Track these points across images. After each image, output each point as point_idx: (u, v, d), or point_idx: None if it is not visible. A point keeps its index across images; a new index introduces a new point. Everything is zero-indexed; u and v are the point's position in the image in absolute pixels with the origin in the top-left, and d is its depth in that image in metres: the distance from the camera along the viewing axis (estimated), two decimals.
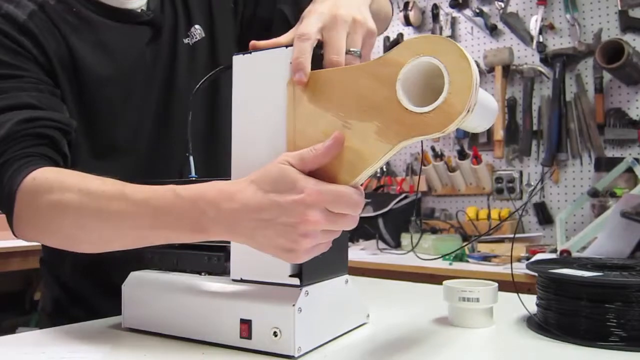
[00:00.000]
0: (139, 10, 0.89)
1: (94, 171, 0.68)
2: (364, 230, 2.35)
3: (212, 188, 0.59)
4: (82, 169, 0.70)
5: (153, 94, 0.89)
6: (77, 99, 0.83)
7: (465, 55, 0.52)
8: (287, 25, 0.94)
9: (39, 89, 0.77)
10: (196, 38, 0.93)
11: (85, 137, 0.84)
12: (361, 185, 0.60)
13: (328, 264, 0.68)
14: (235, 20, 0.98)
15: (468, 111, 0.51)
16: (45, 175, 0.69)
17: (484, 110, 0.62)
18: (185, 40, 0.92)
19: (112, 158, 0.86)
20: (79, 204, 0.65)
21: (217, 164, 0.90)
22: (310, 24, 0.62)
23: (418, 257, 0.70)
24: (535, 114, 2.39)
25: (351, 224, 0.58)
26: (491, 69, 2.47)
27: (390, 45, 2.82)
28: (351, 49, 0.62)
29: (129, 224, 0.63)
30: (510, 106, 2.44)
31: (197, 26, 0.93)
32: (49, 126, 0.74)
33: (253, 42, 0.66)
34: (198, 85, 0.80)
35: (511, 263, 1.00)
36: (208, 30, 0.94)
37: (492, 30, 2.51)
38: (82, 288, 0.91)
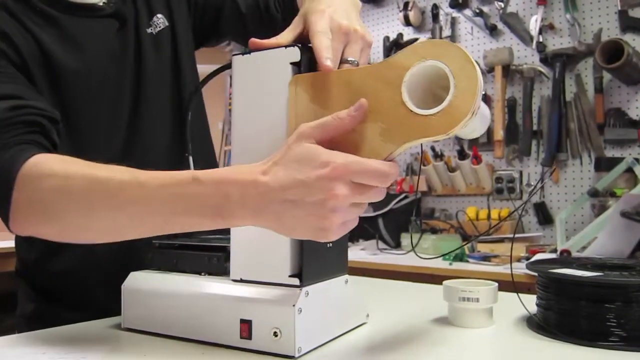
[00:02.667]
0: (101, 4, 0.88)
1: None
2: (364, 230, 2.35)
3: (234, 171, 0.57)
4: None
5: (126, 86, 0.89)
6: (53, 96, 0.82)
7: (470, 60, 0.53)
8: (238, 13, 0.96)
9: (16, 82, 0.76)
10: (159, 27, 0.93)
11: (65, 136, 0.82)
12: None
13: (328, 264, 0.68)
14: (189, 9, 0.98)
15: (472, 114, 0.52)
16: (48, 160, 0.66)
17: (481, 115, 0.62)
18: (149, 30, 0.92)
19: (92, 154, 0.85)
20: (87, 189, 0.62)
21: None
22: (325, 24, 0.62)
23: (419, 256, 0.70)
24: (535, 114, 2.39)
25: (379, 196, 0.56)
26: (491, 69, 2.47)
27: (390, 45, 2.82)
28: (349, 59, 0.62)
29: (145, 211, 0.60)
30: (510, 106, 2.44)
31: (159, 15, 0.93)
32: (38, 114, 0.73)
33: (252, 40, 0.65)
34: (198, 85, 0.81)
35: (510, 263, 0.99)
36: (169, 19, 0.95)
37: (492, 30, 2.51)
38: (60, 298, 0.90)
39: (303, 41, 0.64)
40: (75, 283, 0.88)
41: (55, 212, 0.64)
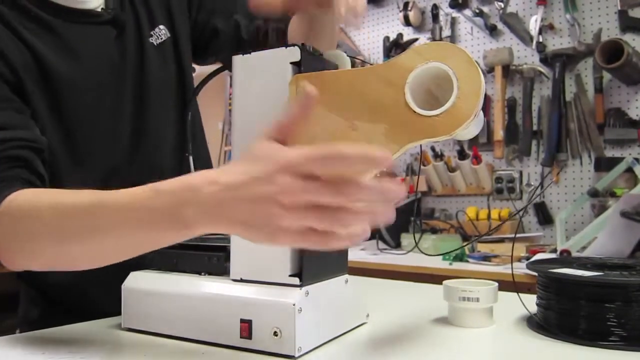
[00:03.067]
0: (99, 10, 0.87)
1: (76, 179, 0.66)
2: None
3: (197, 174, 0.56)
4: (64, 178, 0.69)
5: (126, 94, 0.88)
6: (50, 108, 0.81)
7: (473, 62, 0.53)
8: (238, 39, 0.95)
9: (5, 108, 0.74)
10: (162, 38, 0.92)
11: (64, 145, 0.82)
12: None
13: (328, 264, 0.68)
14: (189, 23, 0.98)
15: (475, 116, 0.53)
16: (19, 199, 0.66)
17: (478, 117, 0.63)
18: (151, 40, 0.91)
19: (92, 165, 0.84)
20: (57, 221, 0.62)
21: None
22: None
23: (423, 252, 0.70)
24: (535, 114, 2.39)
25: (356, 193, 0.49)
26: (491, 69, 2.47)
27: (390, 45, 2.82)
28: None
29: (113, 232, 0.59)
30: (510, 106, 2.44)
31: (161, 26, 0.93)
32: (21, 146, 0.72)
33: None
34: (198, 85, 0.80)
35: (512, 263, 1.00)
36: (170, 31, 0.94)
37: (492, 31, 2.51)
38: (66, 298, 0.90)
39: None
40: (78, 294, 0.88)
41: (32, 246, 0.65)
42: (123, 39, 0.88)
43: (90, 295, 0.87)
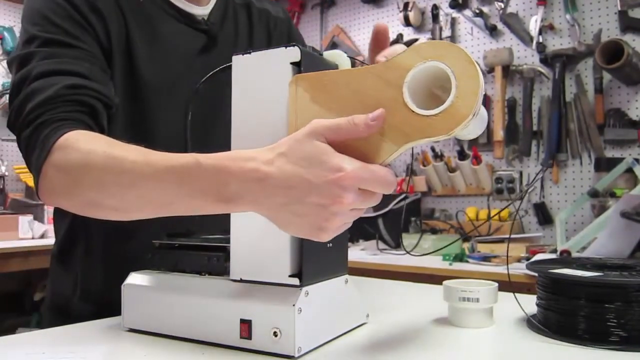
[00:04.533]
0: (201, 19, 0.93)
1: None
2: (364, 230, 2.35)
3: (236, 157, 0.57)
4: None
5: (198, 107, 0.87)
6: (123, 88, 0.85)
7: (472, 61, 0.53)
8: None
9: (91, 62, 0.79)
10: None
11: (124, 128, 0.85)
12: None
13: (328, 264, 0.68)
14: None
15: (473, 115, 0.53)
16: (77, 137, 0.69)
17: (480, 117, 0.63)
18: None
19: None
20: (102, 166, 0.63)
21: None
22: None
23: (410, 253, 0.71)
24: (535, 114, 2.39)
25: (377, 202, 0.57)
26: (491, 69, 2.47)
27: (390, 45, 2.81)
28: None
29: (153, 190, 0.61)
30: (510, 106, 2.44)
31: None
32: (93, 96, 0.76)
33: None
34: (198, 85, 0.80)
35: (507, 264, 1.00)
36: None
37: (492, 31, 2.51)
38: (93, 280, 0.91)
39: None
40: (112, 263, 0.89)
41: (73, 186, 0.67)
42: (212, 52, 0.93)
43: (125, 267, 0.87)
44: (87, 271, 0.91)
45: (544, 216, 2.34)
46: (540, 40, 2.37)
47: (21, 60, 0.77)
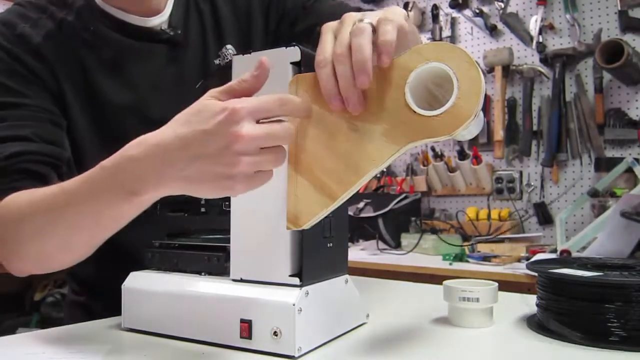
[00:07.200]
0: (159, 29, 0.87)
1: None
2: (364, 230, 2.35)
3: (132, 143, 0.56)
4: None
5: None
6: (91, 122, 0.82)
7: (474, 63, 0.53)
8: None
9: (37, 119, 0.76)
10: (228, 58, 0.91)
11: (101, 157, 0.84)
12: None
13: (328, 264, 0.68)
14: (267, 38, 0.96)
15: (475, 116, 0.53)
16: (12, 199, 0.69)
17: (479, 117, 0.63)
18: (217, 62, 0.90)
19: None
20: (31, 215, 0.64)
21: None
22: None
23: (394, 253, 0.71)
24: (535, 114, 2.39)
25: (283, 132, 0.54)
26: (491, 69, 2.47)
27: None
28: (359, 23, 0.56)
29: (75, 213, 0.61)
30: (510, 106, 2.44)
31: (228, 46, 0.91)
32: (38, 161, 0.74)
33: None
34: (198, 85, 0.80)
35: (504, 264, 1.00)
36: (244, 48, 0.92)
37: (492, 31, 2.51)
38: (101, 288, 0.92)
39: None
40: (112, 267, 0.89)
41: (16, 246, 0.67)
42: (180, 62, 0.88)
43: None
44: (91, 274, 0.92)
45: (544, 216, 2.34)
46: (540, 40, 2.37)
47: None
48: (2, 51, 0.76)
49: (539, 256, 1.80)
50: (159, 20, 0.87)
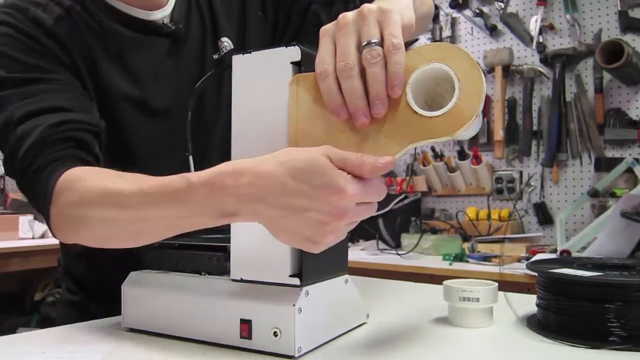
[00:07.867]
0: (161, 22, 0.88)
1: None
2: (364, 230, 2.35)
3: (229, 172, 0.56)
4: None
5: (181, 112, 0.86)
6: (100, 109, 0.83)
7: (475, 64, 0.54)
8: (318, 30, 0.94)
9: (68, 90, 0.77)
10: (224, 51, 0.92)
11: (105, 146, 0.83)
12: None
13: (328, 264, 0.68)
14: (266, 27, 0.96)
15: (476, 117, 0.53)
16: (72, 177, 0.69)
17: (479, 118, 0.63)
18: (215, 56, 0.91)
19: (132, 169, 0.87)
20: (101, 204, 0.64)
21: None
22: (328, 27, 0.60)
23: (399, 254, 0.71)
24: (535, 114, 2.39)
25: (373, 212, 0.57)
26: (491, 69, 2.47)
27: None
28: (364, 43, 0.56)
29: (154, 218, 0.61)
30: (510, 106, 2.44)
31: (224, 39, 0.92)
32: (79, 129, 0.75)
33: None
34: (199, 84, 0.80)
35: (501, 264, 1.00)
36: (240, 40, 0.93)
37: (492, 31, 2.51)
38: (97, 287, 0.92)
39: None
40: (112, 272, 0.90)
41: (80, 224, 0.68)
42: (180, 55, 0.89)
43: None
44: (90, 279, 0.93)
45: (544, 216, 2.34)
46: (540, 40, 2.37)
47: None
48: (20, 33, 0.77)
49: (539, 256, 1.80)
50: (162, 14, 0.88)
